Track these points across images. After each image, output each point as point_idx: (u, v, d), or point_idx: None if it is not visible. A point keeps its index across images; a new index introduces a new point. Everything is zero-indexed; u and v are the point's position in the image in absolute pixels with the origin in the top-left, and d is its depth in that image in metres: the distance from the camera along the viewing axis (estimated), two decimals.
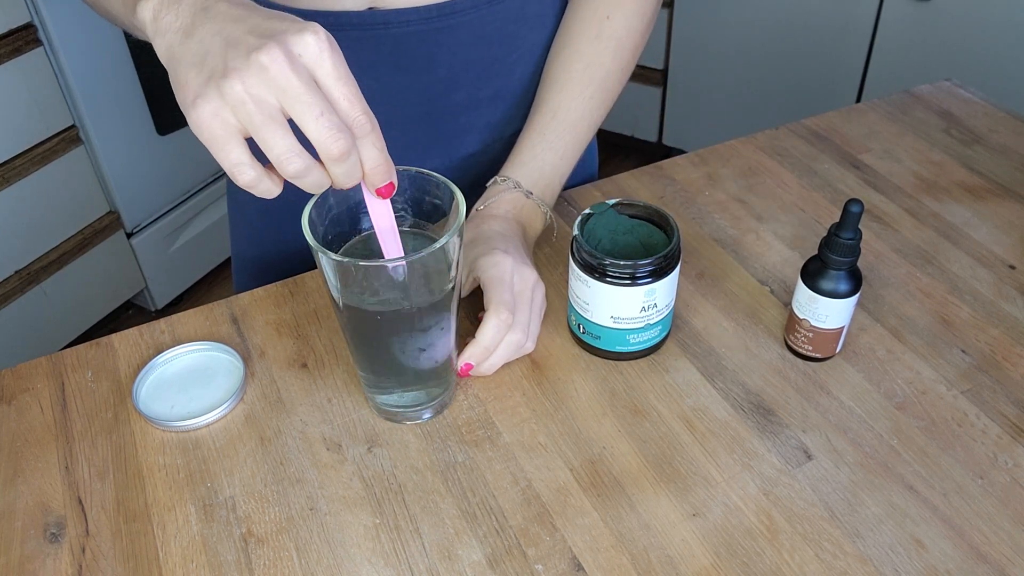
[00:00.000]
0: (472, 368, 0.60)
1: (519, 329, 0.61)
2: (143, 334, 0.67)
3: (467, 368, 0.60)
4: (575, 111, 0.70)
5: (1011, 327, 0.66)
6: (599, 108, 0.71)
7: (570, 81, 0.70)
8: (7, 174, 1.48)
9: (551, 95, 0.70)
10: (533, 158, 0.69)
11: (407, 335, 0.55)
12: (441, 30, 0.69)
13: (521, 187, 0.67)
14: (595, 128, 0.73)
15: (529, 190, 0.68)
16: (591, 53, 0.70)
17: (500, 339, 0.60)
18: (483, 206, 0.67)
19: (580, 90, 0.70)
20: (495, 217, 0.66)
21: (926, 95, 0.93)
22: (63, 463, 0.58)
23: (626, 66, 0.72)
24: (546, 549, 0.52)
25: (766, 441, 0.58)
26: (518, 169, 0.69)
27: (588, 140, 0.72)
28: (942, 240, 0.74)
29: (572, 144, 0.70)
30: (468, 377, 0.62)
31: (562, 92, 0.70)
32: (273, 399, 0.62)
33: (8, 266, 1.55)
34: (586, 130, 0.71)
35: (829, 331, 0.61)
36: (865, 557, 0.51)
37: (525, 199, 0.68)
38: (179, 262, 1.89)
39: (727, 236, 0.75)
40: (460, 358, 0.60)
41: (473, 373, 0.61)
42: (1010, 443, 0.57)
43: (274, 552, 0.52)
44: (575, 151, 0.71)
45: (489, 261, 0.61)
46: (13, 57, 1.43)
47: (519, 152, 0.69)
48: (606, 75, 0.70)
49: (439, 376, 0.59)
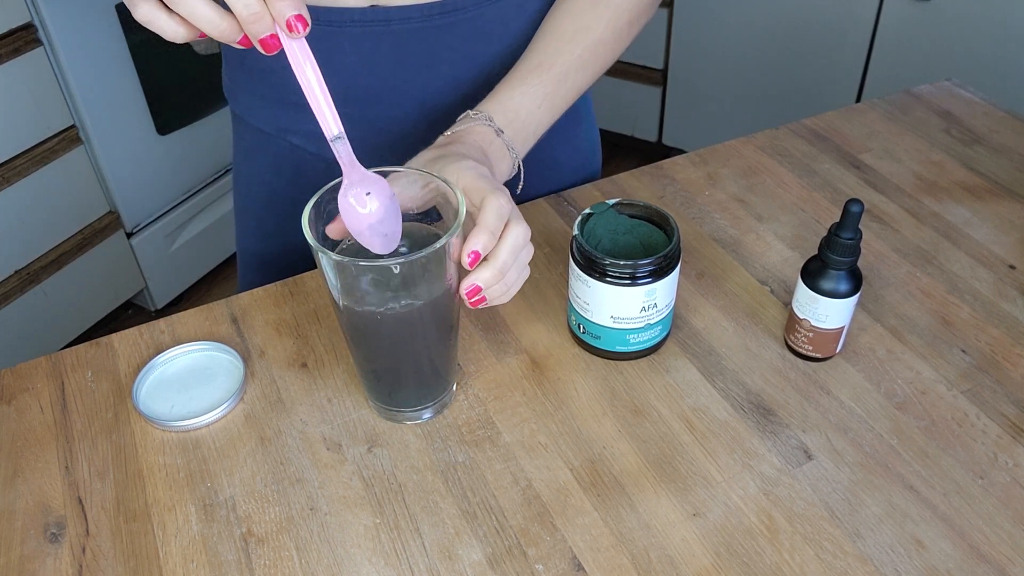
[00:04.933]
0: (479, 257, 0.52)
1: (519, 220, 0.54)
2: (143, 334, 0.67)
3: (475, 256, 0.52)
4: (561, 66, 0.67)
5: (1011, 327, 0.66)
6: (586, 71, 0.69)
7: (561, 38, 0.68)
8: (7, 174, 1.48)
9: (539, 48, 0.68)
10: (511, 99, 0.66)
11: (407, 335, 0.55)
12: (442, 27, 0.69)
13: (493, 123, 0.64)
14: (579, 92, 0.70)
15: (501, 128, 0.64)
16: (586, 17, 0.69)
17: (502, 223, 0.53)
18: (450, 133, 0.63)
19: (570, 48, 0.68)
20: (462, 143, 0.62)
21: (926, 95, 0.93)
22: (63, 463, 0.58)
23: (620, 38, 0.70)
24: (546, 549, 0.52)
25: (766, 441, 0.58)
26: (492, 106, 0.65)
27: (570, 101, 0.69)
28: (942, 240, 0.74)
29: (552, 98, 0.67)
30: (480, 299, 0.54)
31: (550, 47, 0.68)
32: (273, 399, 0.62)
33: (8, 266, 1.55)
34: (569, 89, 0.69)
35: (829, 331, 0.61)
36: (865, 557, 0.51)
37: (495, 136, 0.64)
38: (179, 262, 1.89)
39: (727, 236, 0.75)
40: (466, 247, 0.52)
41: (484, 284, 0.53)
42: (1010, 443, 0.57)
43: (274, 552, 0.52)
44: (554, 106, 0.68)
45: (466, 164, 0.57)
46: (13, 57, 1.43)
47: (496, 92, 0.66)
48: (598, 41, 0.69)
49: (439, 376, 0.59)
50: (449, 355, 0.59)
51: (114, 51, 1.58)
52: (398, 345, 0.56)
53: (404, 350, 0.56)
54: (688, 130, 2.20)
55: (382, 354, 0.57)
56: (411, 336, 0.55)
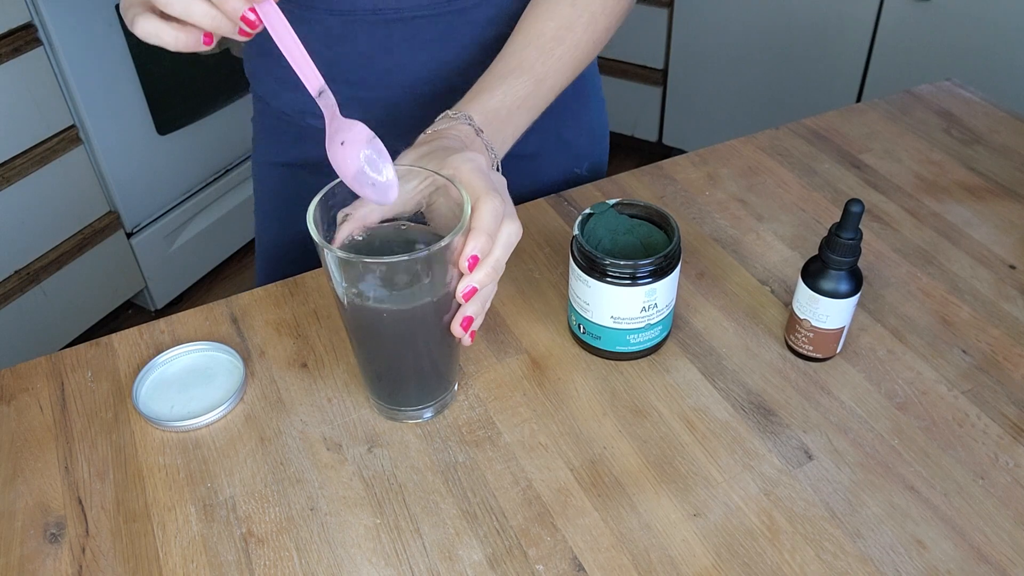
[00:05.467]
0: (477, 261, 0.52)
1: (513, 217, 0.55)
2: (143, 334, 0.67)
3: (474, 261, 0.52)
4: (541, 68, 0.67)
5: (1011, 327, 0.66)
6: (565, 73, 0.69)
7: (540, 37, 0.68)
8: (7, 174, 1.48)
9: (518, 49, 0.68)
10: (490, 99, 0.65)
11: (409, 334, 0.55)
12: (453, 12, 0.71)
13: (473, 122, 0.63)
14: (557, 93, 0.70)
15: (480, 128, 0.64)
16: (564, 17, 0.69)
17: (498, 224, 0.53)
18: (431, 131, 0.63)
19: (550, 48, 0.68)
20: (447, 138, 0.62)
21: (926, 95, 0.93)
22: (63, 463, 0.58)
23: (598, 40, 0.71)
24: (547, 549, 0.52)
25: (767, 441, 0.58)
26: (472, 106, 0.65)
27: (549, 101, 0.69)
28: (942, 240, 0.74)
29: (532, 99, 0.67)
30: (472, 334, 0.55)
31: (530, 49, 0.68)
32: (273, 399, 0.62)
33: (8, 266, 1.55)
34: (548, 91, 0.69)
35: (829, 331, 0.61)
36: (866, 557, 0.51)
37: (475, 136, 0.63)
38: (179, 262, 1.89)
39: (727, 236, 0.75)
40: (464, 253, 0.52)
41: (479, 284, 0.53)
42: (1011, 443, 0.57)
43: (274, 552, 0.52)
44: (533, 107, 0.68)
45: (464, 156, 0.57)
46: (13, 57, 1.43)
47: (475, 93, 0.66)
48: (576, 42, 0.69)
49: (441, 376, 0.59)
50: (451, 355, 0.59)
51: (114, 51, 1.58)
52: (401, 344, 0.56)
53: (407, 349, 0.56)
54: (688, 130, 2.20)
55: (384, 353, 0.57)
56: (414, 335, 0.55)
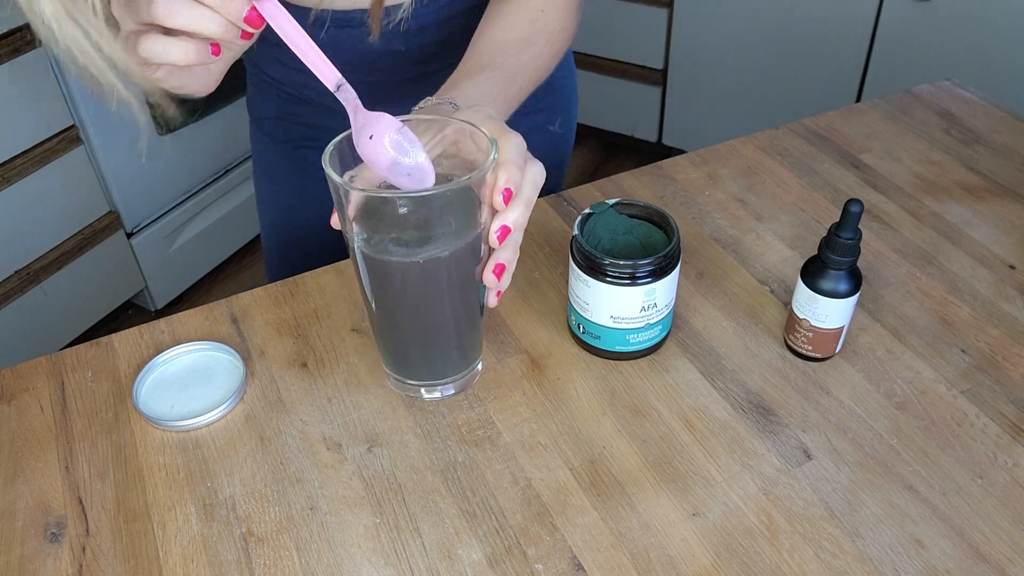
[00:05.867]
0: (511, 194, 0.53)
1: (533, 158, 0.55)
2: (143, 334, 0.67)
3: (508, 193, 0.52)
4: (511, 66, 0.68)
5: (1011, 327, 0.66)
6: (532, 75, 0.70)
7: (505, 45, 0.68)
8: (7, 174, 1.48)
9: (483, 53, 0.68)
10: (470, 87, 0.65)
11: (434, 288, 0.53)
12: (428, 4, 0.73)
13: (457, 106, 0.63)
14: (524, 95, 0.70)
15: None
16: (526, 31, 0.69)
17: (523, 159, 0.54)
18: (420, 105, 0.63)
19: (516, 54, 0.68)
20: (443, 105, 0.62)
21: (926, 95, 0.93)
22: (63, 463, 0.58)
23: (556, 55, 0.72)
24: (546, 549, 0.52)
25: (766, 441, 0.58)
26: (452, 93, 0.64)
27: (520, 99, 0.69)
28: (942, 240, 0.74)
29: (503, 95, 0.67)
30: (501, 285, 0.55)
31: (497, 51, 0.68)
32: (273, 399, 0.62)
33: (8, 266, 1.55)
34: (518, 91, 0.68)
35: (829, 331, 0.61)
36: (865, 556, 0.51)
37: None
38: (179, 262, 1.89)
39: (727, 236, 0.75)
40: (496, 186, 0.52)
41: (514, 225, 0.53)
42: (1010, 443, 0.57)
43: (274, 552, 0.52)
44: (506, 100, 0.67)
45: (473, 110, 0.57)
46: (13, 57, 1.43)
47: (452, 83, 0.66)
48: (538, 53, 0.70)
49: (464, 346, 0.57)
50: (475, 322, 0.57)
51: None
52: (426, 300, 0.54)
53: (431, 306, 0.54)
54: (688, 130, 2.20)
55: (407, 313, 0.55)
56: (439, 289, 0.53)
